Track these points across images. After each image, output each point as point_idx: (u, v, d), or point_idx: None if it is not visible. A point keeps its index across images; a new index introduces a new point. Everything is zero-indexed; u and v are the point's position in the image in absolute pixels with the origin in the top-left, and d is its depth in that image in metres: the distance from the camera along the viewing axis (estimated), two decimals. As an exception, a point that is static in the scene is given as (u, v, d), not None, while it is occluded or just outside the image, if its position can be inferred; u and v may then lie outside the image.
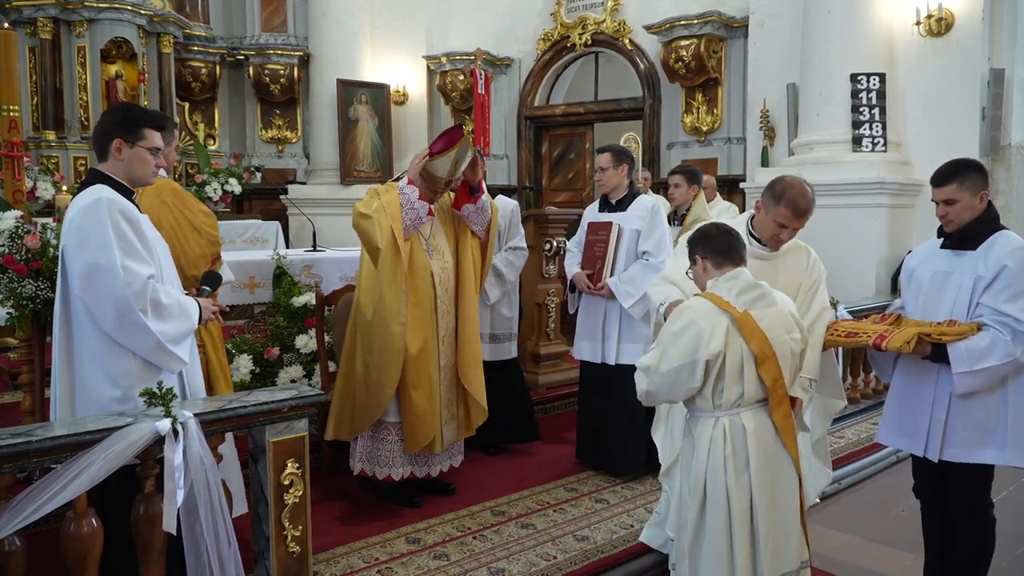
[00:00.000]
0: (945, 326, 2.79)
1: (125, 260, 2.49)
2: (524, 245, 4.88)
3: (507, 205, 4.87)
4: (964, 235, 2.87)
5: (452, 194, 4.04)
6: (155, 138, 2.70)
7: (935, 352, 2.79)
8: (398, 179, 3.87)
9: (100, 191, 2.57)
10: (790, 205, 2.91)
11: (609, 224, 4.33)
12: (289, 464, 2.62)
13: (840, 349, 5.38)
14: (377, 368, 3.71)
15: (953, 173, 2.86)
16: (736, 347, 2.48)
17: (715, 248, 2.64)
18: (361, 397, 3.75)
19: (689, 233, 2.90)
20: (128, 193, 2.66)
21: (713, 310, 2.51)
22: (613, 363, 4.32)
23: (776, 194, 2.95)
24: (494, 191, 9.65)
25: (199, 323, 2.77)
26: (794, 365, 2.63)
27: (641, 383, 2.62)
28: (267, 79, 10.13)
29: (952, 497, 2.95)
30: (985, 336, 2.72)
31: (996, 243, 2.81)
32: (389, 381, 3.69)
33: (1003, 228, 2.86)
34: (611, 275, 4.31)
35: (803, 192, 2.93)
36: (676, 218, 5.25)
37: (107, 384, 2.55)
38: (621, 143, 6.26)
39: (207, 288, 2.94)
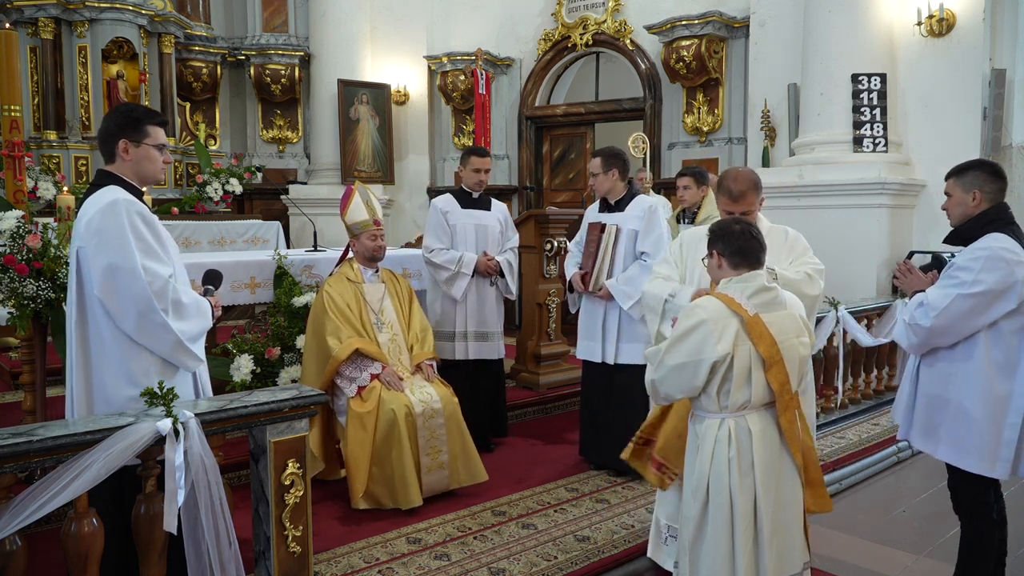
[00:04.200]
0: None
1: (145, 261, 2.51)
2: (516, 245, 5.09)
3: (503, 209, 5.04)
4: (959, 234, 2.93)
5: (402, 277, 4.38)
6: (159, 134, 2.72)
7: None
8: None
9: (115, 192, 2.58)
10: (725, 192, 3.03)
11: (602, 225, 4.37)
12: (290, 464, 2.63)
13: (840, 351, 5.40)
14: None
15: (958, 169, 2.93)
16: (744, 350, 2.47)
17: (734, 248, 2.59)
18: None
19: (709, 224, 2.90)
20: (138, 193, 2.67)
21: (724, 312, 2.50)
22: (613, 362, 4.33)
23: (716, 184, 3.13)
24: (495, 191, 9.67)
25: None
26: (801, 370, 2.62)
27: (648, 371, 2.65)
28: (268, 79, 10.13)
29: (951, 497, 2.97)
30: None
31: (973, 244, 2.84)
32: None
33: (998, 232, 2.80)
34: (609, 276, 4.32)
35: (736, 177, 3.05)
36: (686, 216, 5.50)
37: (125, 383, 2.55)
38: (629, 143, 6.28)
39: (211, 287, 2.97)
